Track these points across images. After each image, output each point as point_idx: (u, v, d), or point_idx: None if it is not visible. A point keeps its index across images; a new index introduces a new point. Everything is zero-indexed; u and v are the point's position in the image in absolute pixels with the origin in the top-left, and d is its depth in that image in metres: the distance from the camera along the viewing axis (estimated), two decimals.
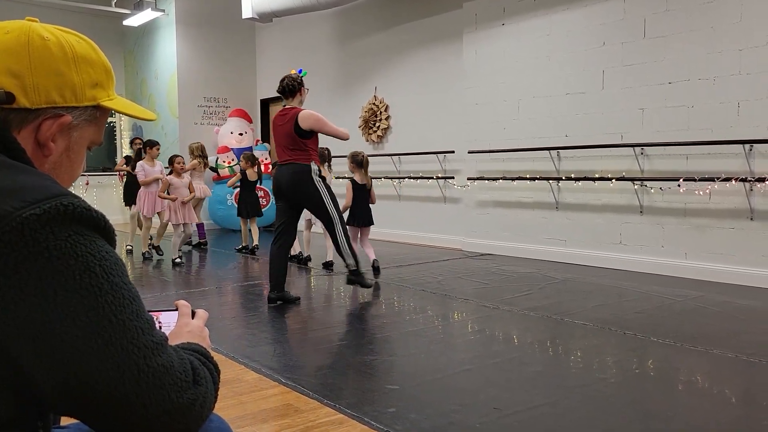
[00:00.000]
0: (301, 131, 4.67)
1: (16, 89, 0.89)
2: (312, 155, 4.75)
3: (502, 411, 2.65)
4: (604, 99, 6.25)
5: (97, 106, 0.98)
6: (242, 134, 10.78)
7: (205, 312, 1.15)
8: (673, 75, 5.72)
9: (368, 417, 2.59)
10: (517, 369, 3.23)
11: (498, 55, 7.21)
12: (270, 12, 8.96)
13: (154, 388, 0.80)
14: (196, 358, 0.92)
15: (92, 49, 0.99)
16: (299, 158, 4.69)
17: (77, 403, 0.79)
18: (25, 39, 0.91)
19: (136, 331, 0.81)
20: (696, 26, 5.56)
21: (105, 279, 0.80)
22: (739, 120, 5.31)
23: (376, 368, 3.29)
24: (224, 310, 4.78)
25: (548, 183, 6.76)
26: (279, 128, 4.79)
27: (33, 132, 0.92)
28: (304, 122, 4.66)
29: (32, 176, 0.84)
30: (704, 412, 2.66)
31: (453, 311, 4.60)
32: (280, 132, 4.76)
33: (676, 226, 5.77)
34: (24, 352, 0.76)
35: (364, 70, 9.27)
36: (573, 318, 4.24)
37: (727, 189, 5.38)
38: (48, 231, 0.77)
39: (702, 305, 4.58)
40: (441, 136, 8.06)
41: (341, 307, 4.78)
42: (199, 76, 11.03)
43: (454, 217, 8.01)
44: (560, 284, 5.47)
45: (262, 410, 2.71)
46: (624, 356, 3.43)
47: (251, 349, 3.63)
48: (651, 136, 5.88)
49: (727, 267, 5.41)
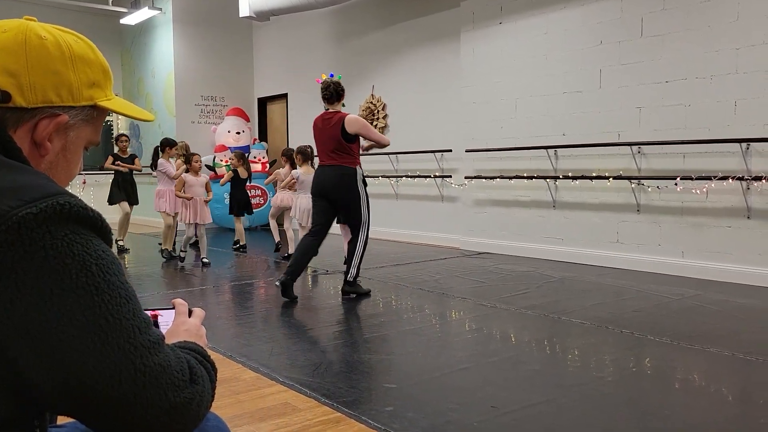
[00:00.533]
0: (347, 135, 4.82)
1: (12, 88, 0.88)
2: (356, 159, 4.95)
3: (499, 409, 2.66)
4: (602, 98, 6.25)
5: (94, 106, 0.98)
6: (239, 133, 10.77)
7: (202, 311, 1.15)
8: (670, 74, 5.73)
9: (366, 416, 2.59)
10: (514, 368, 3.23)
11: (495, 53, 7.21)
12: (267, 10, 8.96)
13: (150, 387, 0.80)
14: (192, 357, 0.92)
15: (90, 48, 0.99)
16: (345, 161, 4.87)
17: (74, 403, 0.79)
18: (22, 38, 0.91)
19: (132, 330, 0.81)
20: (693, 25, 5.57)
21: (101, 278, 0.80)
22: (736, 119, 5.32)
23: (374, 367, 3.29)
24: (221, 308, 4.78)
25: (545, 182, 6.76)
26: (323, 131, 4.93)
27: (29, 131, 0.91)
28: (351, 127, 4.82)
29: (29, 175, 0.84)
30: (701, 411, 2.67)
31: (450, 310, 4.61)
32: (325, 135, 4.91)
33: (674, 225, 5.78)
34: (20, 351, 0.76)
35: (361, 69, 9.27)
36: (570, 317, 4.25)
37: (724, 187, 5.39)
38: (44, 230, 0.77)
39: (699, 304, 4.59)
40: (438, 135, 8.06)
41: (338, 306, 4.78)
42: (197, 75, 11.02)
43: (451, 216, 8.02)
44: (557, 283, 5.47)
45: (259, 409, 2.71)
46: (621, 355, 3.43)
47: (249, 348, 3.63)
48: (648, 135, 5.89)
49: (725, 265, 5.42)
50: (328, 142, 4.89)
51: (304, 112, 10.50)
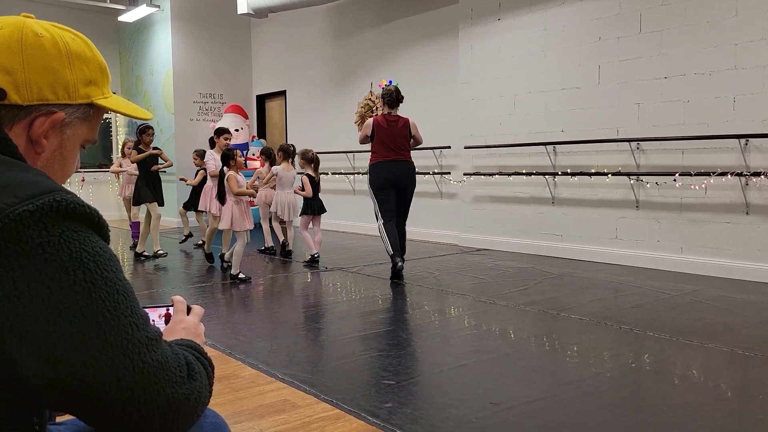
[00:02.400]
0: (410, 135, 5.81)
1: (7, 85, 0.88)
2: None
3: (498, 405, 2.66)
4: (600, 94, 6.25)
5: (91, 105, 0.97)
6: (238, 130, 10.76)
7: (201, 308, 1.15)
8: (668, 70, 5.72)
9: (365, 412, 2.60)
10: (513, 364, 3.24)
11: (494, 50, 7.20)
12: (265, 7, 8.94)
13: (148, 383, 0.81)
14: (190, 354, 0.92)
15: (87, 46, 0.98)
16: (410, 157, 5.84)
17: (73, 399, 0.79)
18: (18, 35, 0.91)
19: (130, 327, 0.81)
20: (692, 21, 5.56)
21: (99, 275, 0.80)
22: (735, 114, 5.32)
23: (373, 363, 3.29)
24: (221, 306, 4.78)
25: (544, 178, 6.76)
26: (392, 132, 5.71)
27: (25, 129, 0.91)
28: (413, 129, 5.85)
29: (25, 172, 0.84)
30: (700, 406, 2.67)
31: (449, 306, 4.61)
32: (395, 134, 5.72)
33: (672, 221, 5.78)
34: (18, 348, 0.76)
35: (360, 66, 9.26)
36: (569, 313, 4.25)
37: (723, 183, 5.39)
38: (41, 227, 0.77)
39: (698, 299, 4.59)
40: (437, 132, 8.05)
41: (337, 303, 4.78)
42: (195, 72, 11.00)
43: (450, 213, 8.02)
44: (556, 279, 5.48)
45: (259, 406, 2.72)
46: (620, 351, 3.44)
47: (248, 345, 3.63)
48: (647, 131, 5.89)
49: (723, 261, 5.43)
50: (399, 140, 5.72)
51: (302, 109, 10.50)
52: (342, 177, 9.46)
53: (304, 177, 6.68)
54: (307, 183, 6.63)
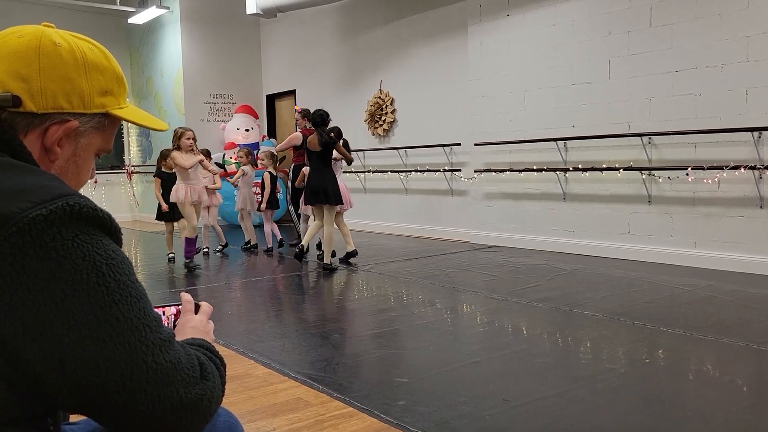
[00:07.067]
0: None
1: (23, 93, 0.89)
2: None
3: (510, 402, 2.66)
4: (611, 88, 6.21)
5: (106, 114, 0.98)
6: (248, 130, 10.80)
7: (209, 306, 1.16)
8: (680, 63, 5.68)
9: (378, 410, 2.60)
10: (525, 360, 3.23)
11: (503, 46, 7.18)
12: (274, 7, 8.96)
13: (162, 384, 0.81)
14: (202, 353, 0.93)
15: (105, 57, 0.99)
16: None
17: (87, 401, 0.80)
18: (36, 43, 0.92)
19: (143, 329, 0.82)
20: (703, 13, 5.51)
21: (112, 278, 0.81)
22: (748, 107, 5.27)
23: (386, 361, 3.30)
24: (233, 305, 4.81)
25: (555, 174, 6.74)
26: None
27: (39, 136, 0.92)
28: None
29: (38, 177, 0.85)
30: (715, 401, 2.66)
31: (461, 303, 4.61)
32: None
33: (685, 216, 5.74)
34: (33, 351, 0.77)
35: (369, 64, 9.26)
36: (582, 309, 4.24)
37: (736, 177, 5.34)
38: (55, 231, 0.78)
39: (712, 294, 4.56)
40: (447, 129, 8.05)
41: (349, 301, 4.79)
42: (205, 73, 11.05)
43: (461, 210, 8.00)
44: (569, 275, 5.46)
45: (272, 404, 2.73)
46: (633, 347, 3.42)
47: (260, 344, 3.65)
48: (658, 125, 5.85)
49: (737, 256, 5.38)
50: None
51: (312, 108, 10.50)
52: (352, 176, 9.46)
53: (267, 174, 7.36)
54: (268, 180, 7.34)
